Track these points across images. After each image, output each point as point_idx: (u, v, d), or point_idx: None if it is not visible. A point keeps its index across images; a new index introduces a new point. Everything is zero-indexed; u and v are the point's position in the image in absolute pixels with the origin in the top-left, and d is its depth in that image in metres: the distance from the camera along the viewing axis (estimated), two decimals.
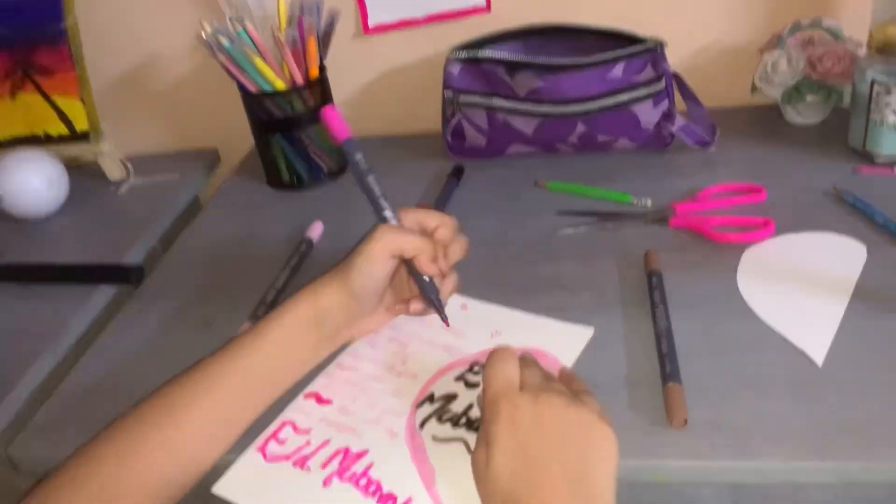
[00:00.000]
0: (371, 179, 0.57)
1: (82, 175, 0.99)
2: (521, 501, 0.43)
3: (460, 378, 0.57)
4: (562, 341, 0.59)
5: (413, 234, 0.56)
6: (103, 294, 0.77)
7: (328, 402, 0.57)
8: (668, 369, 0.54)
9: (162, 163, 1.03)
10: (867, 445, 0.48)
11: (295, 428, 0.55)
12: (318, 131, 0.88)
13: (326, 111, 0.56)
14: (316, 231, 0.80)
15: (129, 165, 1.00)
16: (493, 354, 0.50)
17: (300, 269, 0.75)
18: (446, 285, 0.58)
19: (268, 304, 0.68)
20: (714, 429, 0.51)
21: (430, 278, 0.57)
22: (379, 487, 0.49)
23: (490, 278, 0.68)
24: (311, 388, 0.58)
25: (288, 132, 0.87)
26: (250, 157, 1.02)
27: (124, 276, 0.77)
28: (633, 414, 0.52)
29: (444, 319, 0.56)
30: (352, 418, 0.55)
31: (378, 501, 0.49)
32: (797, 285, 0.62)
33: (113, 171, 0.99)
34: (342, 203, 0.88)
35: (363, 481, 0.50)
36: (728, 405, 0.52)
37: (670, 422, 0.51)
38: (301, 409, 0.56)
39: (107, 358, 0.67)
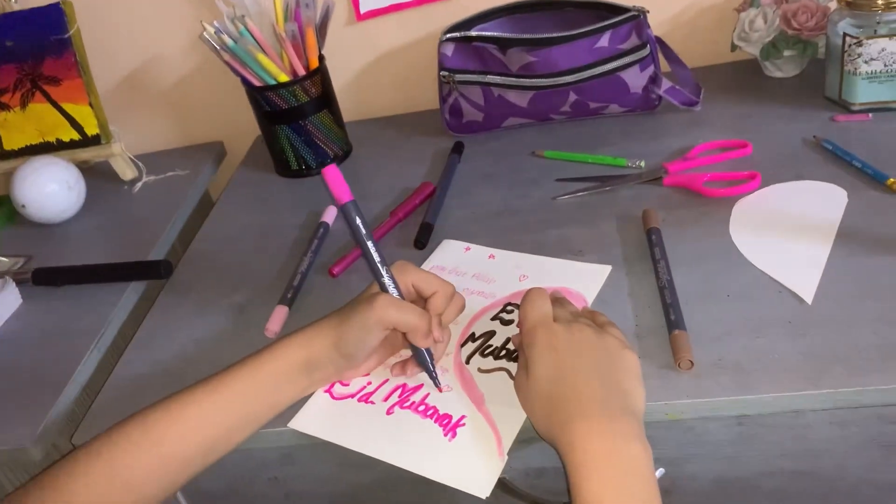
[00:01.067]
0: (371, 246, 0.56)
1: (96, 177, 1.02)
2: (561, 398, 0.49)
3: (496, 318, 0.63)
4: (583, 279, 0.65)
5: (409, 312, 0.55)
6: (134, 290, 0.81)
7: None
8: (673, 318, 0.59)
9: (170, 159, 1.06)
10: (856, 373, 0.53)
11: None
12: (322, 119, 0.91)
13: (328, 172, 0.55)
14: (331, 215, 0.84)
15: (141, 165, 1.03)
16: (528, 293, 0.57)
17: (320, 251, 0.79)
18: (439, 349, 0.59)
19: (295, 288, 0.72)
20: (718, 368, 0.55)
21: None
22: (436, 411, 0.56)
23: (499, 247, 0.72)
24: None
25: (293, 122, 0.90)
26: (256, 147, 1.05)
27: (154, 270, 0.80)
28: (644, 361, 0.56)
29: (438, 386, 0.57)
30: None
31: (436, 421, 0.55)
32: (785, 232, 0.67)
33: (125, 171, 1.02)
34: (352, 186, 0.89)
35: (421, 407, 0.57)
36: (729, 346, 0.57)
37: (678, 365, 0.56)
38: None
39: (150, 347, 0.71)
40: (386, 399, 0.58)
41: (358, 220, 0.56)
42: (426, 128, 0.98)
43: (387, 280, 0.57)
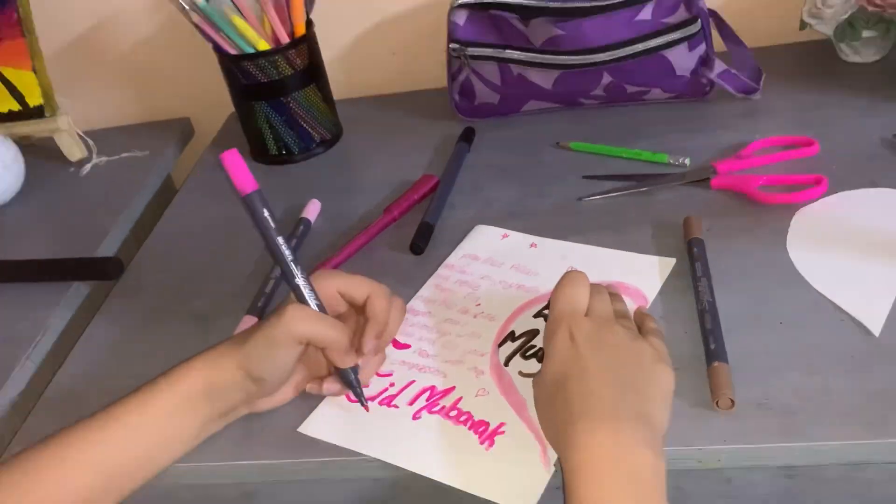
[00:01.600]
0: (280, 241, 0.58)
1: (38, 156, 1.04)
2: (567, 397, 0.52)
3: (539, 315, 0.66)
4: (641, 273, 0.68)
5: (324, 324, 0.57)
6: (77, 292, 0.82)
7: (406, 346, 0.66)
8: (713, 347, 0.60)
9: (127, 138, 1.07)
10: None
11: (376, 372, 0.64)
12: (308, 96, 0.93)
13: (228, 158, 0.56)
14: (312, 210, 0.85)
15: (91, 143, 1.04)
16: (564, 278, 0.59)
17: (299, 252, 0.80)
18: (370, 365, 0.61)
19: (267, 295, 0.74)
20: (764, 409, 0.56)
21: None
22: (470, 417, 0.59)
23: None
24: None
25: (273, 98, 0.91)
26: (229, 127, 1.07)
27: (101, 270, 0.82)
28: (676, 397, 0.57)
29: (364, 405, 0.60)
30: (432, 360, 0.64)
31: (470, 428, 0.58)
32: (853, 249, 0.67)
33: (72, 150, 1.04)
34: (340, 176, 0.93)
35: (453, 412, 0.60)
36: (778, 383, 0.57)
37: (716, 404, 0.56)
38: None
39: (93, 361, 0.72)
40: (412, 403, 0.61)
41: (265, 212, 0.57)
42: (431, 110, 0.99)
43: (301, 284, 0.59)
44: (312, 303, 0.59)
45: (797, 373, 0.58)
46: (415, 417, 0.60)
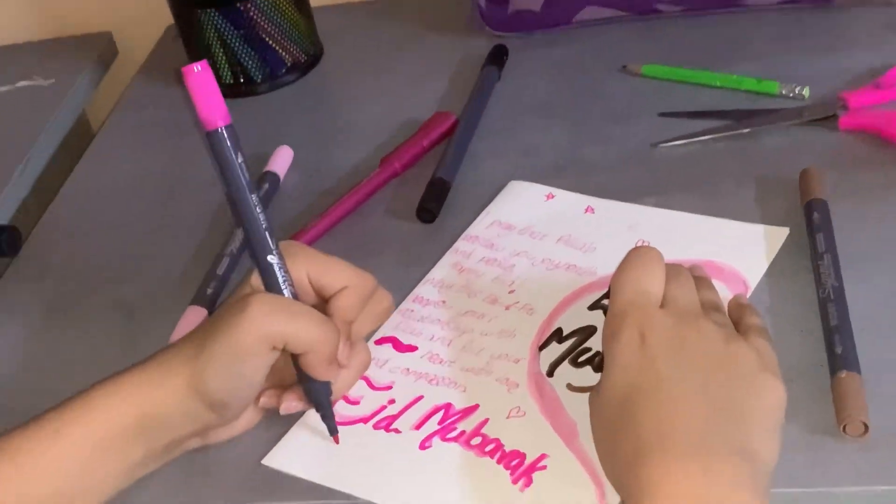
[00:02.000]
0: (254, 200, 0.58)
1: None
2: (635, 420, 0.52)
3: (596, 306, 0.66)
4: (740, 248, 0.68)
5: (308, 319, 0.57)
6: None
7: (412, 348, 0.67)
8: (840, 352, 0.59)
9: (25, 59, 1.08)
10: None
11: (370, 384, 0.64)
12: (276, 1, 0.93)
13: (192, 76, 0.55)
14: (281, 161, 0.85)
15: None
16: (630, 255, 0.59)
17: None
18: (345, 377, 0.61)
19: (219, 279, 0.74)
20: None
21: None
22: (499, 446, 0.59)
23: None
24: (383, 331, 0.67)
25: (227, 4, 0.92)
26: (165, 46, 1.07)
27: None
28: (787, 420, 0.56)
29: (332, 433, 0.60)
30: (449, 368, 0.65)
31: (499, 462, 0.58)
32: None
33: None
34: (320, 114, 0.93)
35: (476, 440, 0.60)
36: None
37: (842, 429, 0.56)
38: (376, 360, 0.65)
39: None
40: (419, 426, 0.61)
41: (237, 158, 0.57)
42: (445, 20, 0.99)
43: (275, 263, 0.58)
44: (286, 290, 0.59)
45: None
46: (423, 446, 0.60)
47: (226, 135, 0.57)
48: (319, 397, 0.60)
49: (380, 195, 0.81)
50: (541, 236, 0.73)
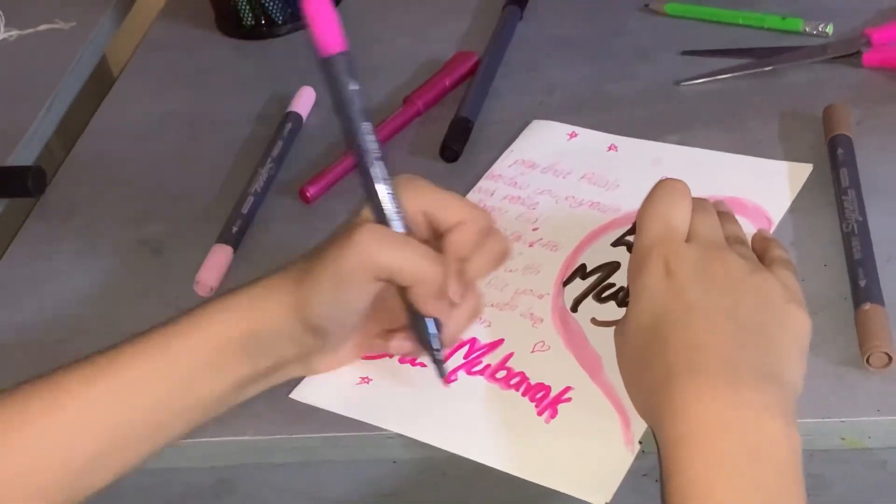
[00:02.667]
0: (368, 137, 0.57)
1: None
2: (663, 347, 0.52)
3: (620, 242, 0.67)
4: (764, 184, 0.69)
5: (414, 252, 0.56)
6: None
7: None
8: (864, 284, 0.60)
9: (47, 2, 1.06)
10: None
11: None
12: None
13: (312, 3, 0.55)
14: (304, 102, 0.85)
15: None
16: (655, 190, 0.59)
17: (286, 159, 0.80)
18: (457, 319, 0.59)
19: (245, 217, 0.75)
20: None
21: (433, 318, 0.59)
22: (524, 379, 0.60)
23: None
24: None
25: None
26: None
27: (18, 182, 0.82)
28: (811, 352, 0.56)
29: (442, 375, 0.59)
30: None
31: (524, 394, 0.59)
32: None
33: None
34: None
35: (501, 373, 0.61)
36: None
37: (866, 361, 0.56)
38: None
39: (9, 303, 0.74)
40: (445, 360, 0.61)
41: (353, 86, 0.56)
42: None
43: (386, 193, 0.57)
44: (397, 223, 0.57)
45: None
46: (448, 380, 0.61)
47: (341, 62, 0.56)
48: (427, 335, 0.58)
49: (403, 134, 0.81)
50: (564, 174, 0.74)
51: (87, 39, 1.02)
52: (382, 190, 0.57)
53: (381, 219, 0.57)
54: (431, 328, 0.58)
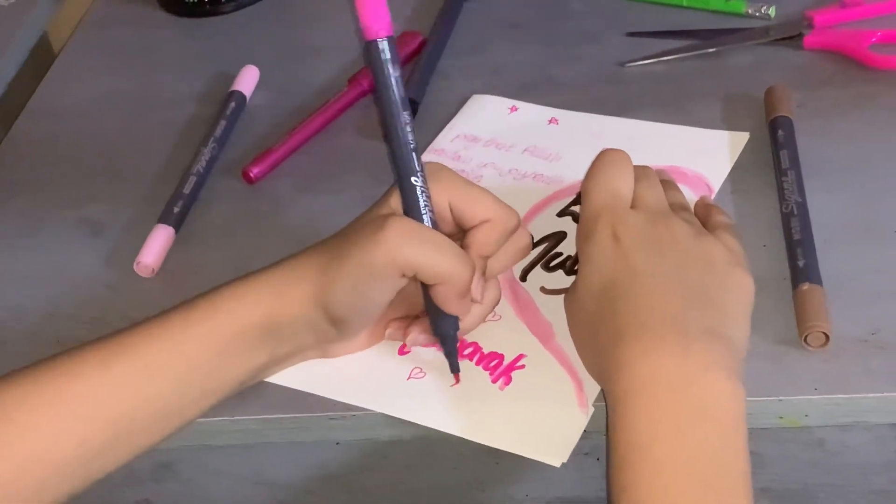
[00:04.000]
0: (406, 118, 0.56)
1: None
2: (613, 310, 0.53)
3: (565, 213, 0.67)
4: (703, 154, 0.70)
5: (445, 250, 0.55)
6: None
7: None
8: (802, 264, 0.60)
9: None
10: None
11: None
12: None
13: None
14: (248, 81, 0.84)
15: None
16: (598, 159, 0.61)
17: (228, 140, 0.80)
18: (475, 314, 0.59)
19: (187, 198, 0.74)
20: (870, 347, 0.57)
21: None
22: (477, 348, 0.61)
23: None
24: None
25: None
26: None
27: None
28: (751, 331, 0.57)
29: (454, 371, 0.59)
30: None
31: (478, 363, 0.60)
32: None
33: None
34: (286, 33, 0.93)
35: None
36: (890, 314, 0.58)
37: (804, 340, 0.57)
38: None
39: None
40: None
41: (389, 73, 0.55)
42: None
43: (417, 188, 0.56)
44: (426, 216, 0.57)
45: None
46: (402, 352, 0.61)
47: (386, 47, 0.55)
48: (446, 331, 0.58)
49: (348, 114, 0.81)
50: (506, 147, 0.74)
51: (27, 16, 1.01)
52: (414, 182, 0.56)
53: (410, 211, 0.57)
54: (451, 326, 0.58)
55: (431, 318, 0.59)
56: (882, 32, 0.76)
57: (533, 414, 0.57)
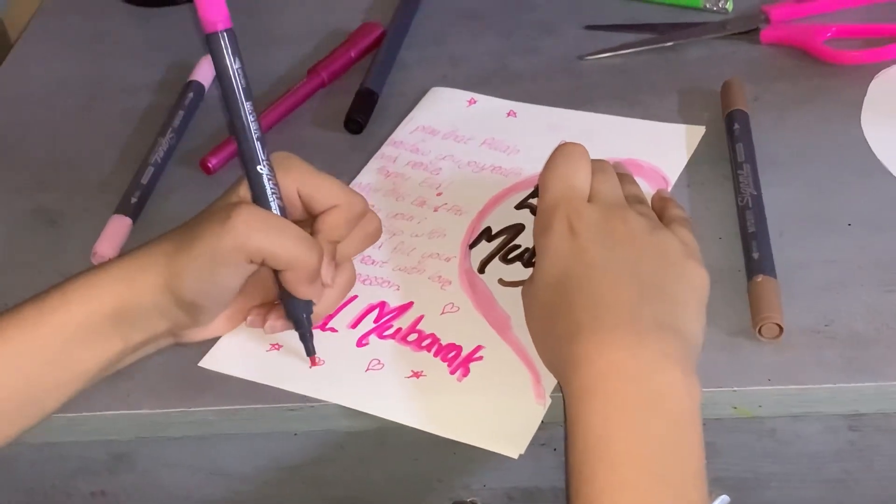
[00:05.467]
0: (248, 108, 0.57)
1: None
2: (569, 304, 0.54)
3: (523, 205, 0.68)
4: (660, 147, 0.71)
5: (290, 236, 0.56)
6: None
7: None
8: (756, 256, 0.61)
9: None
10: None
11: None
12: None
13: None
14: (206, 71, 0.84)
15: None
16: (555, 153, 0.61)
17: (187, 130, 0.79)
18: (328, 298, 0.60)
19: (144, 187, 0.73)
20: (823, 338, 0.57)
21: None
22: (436, 340, 0.61)
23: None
24: None
25: None
26: None
27: None
28: (706, 323, 0.57)
29: (310, 353, 0.60)
30: (381, 269, 0.66)
31: (436, 355, 0.60)
32: None
33: None
34: (245, 23, 0.88)
35: (413, 336, 0.62)
36: (842, 305, 0.59)
37: (758, 332, 0.57)
38: None
39: None
40: (355, 325, 0.63)
41: (231, 64, 0.57)
42: None
43: (265, 175, 0.58)
44: (274, 203, 0.58)
45: (871, 290, 0.59)
46: (360, 344, 0.61)
47: (225, 38, 0.56)
48: (298, 315, 0.59)
49: (307, 105, 0.80)
50: (465, 140, 0.74)
51: None
52: (260, 171, 0.57)
53: (258, 199, 0.57)
54: (303, 309, 0.59)
55: (284, 304, 0.59)
56: (837, 27, 0.77)
57: (491, 405, 0.57)
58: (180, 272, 0.55)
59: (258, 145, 0.57)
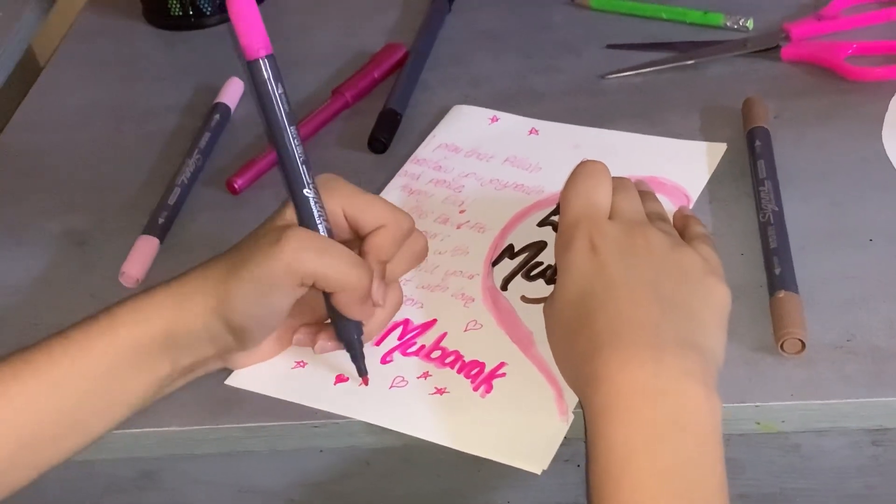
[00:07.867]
0: (293, 133, 0.57)
1: None
2: (590, 320, 0.54)
3: (546, 223, 0.69)
4: (682, 164, 0.71)
5: (340, 259, 0.56)
6: None
7: None
8: (779, 272, 0.61)
9: None
10: None
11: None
12: None
13: (233, 2, 0.55)
14: (232, 93, 0.85)
15: None
16: (577, 170, 0.61)
17: (213, 151, 0.80)
18: (378, 317, 0.60)
19: (171, 208, 0.74)
20: (846, 353, 0.57)
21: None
22: (459, 357, 0.61)
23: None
24: None
25: None
26: None
27: None
28: (728, 338, 0.57)
29: (362, 374, 0.60)
30: (405, 287, 0.65)
31: (459, 371, 0.60)
32: None
33: None
34: (272, 45, 0.93)
35: (436, 353, 0.62)
36: (865, 320, 0.59)
37: (780, 346, 0.58)
38: None
39: None
40: (379, 342, 0.63)
41: (273, 90, 0.57)
42: None
43: (311, 198, 0.58)
44: (321, 226, 0.58)
45: (891, 305, 0.59)
46: (384, 361, 0.62)
47: (266, 65, 0.56)
48: (350, 336, 0.59)
49: (331, 126, 0.81)
50: (487, 157, 0.75)
51: (12, 29, 1.01)
52: (307, 194, 0.57)
53: (305, 222, 0.58)
54: (355, 331, 0.59)
55: (335, 325, 0.60)
56: (857, 44, 0.77)
57: (514, 421, 0.57)
58: (230, 296, 0.55)
59: (304, 168, 0.57)
